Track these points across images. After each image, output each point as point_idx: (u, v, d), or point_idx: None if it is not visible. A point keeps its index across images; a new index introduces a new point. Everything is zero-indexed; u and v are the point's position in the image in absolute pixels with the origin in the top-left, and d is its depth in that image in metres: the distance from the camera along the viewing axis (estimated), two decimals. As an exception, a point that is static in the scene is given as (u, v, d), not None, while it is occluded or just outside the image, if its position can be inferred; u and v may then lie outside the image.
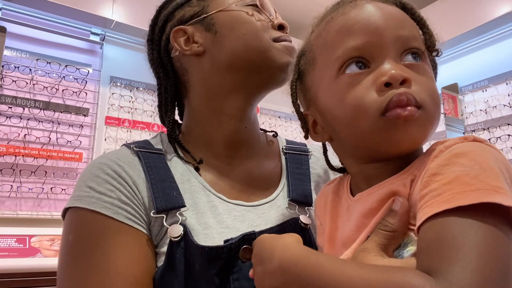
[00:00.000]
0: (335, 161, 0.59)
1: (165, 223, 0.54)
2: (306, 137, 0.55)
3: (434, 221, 0.34)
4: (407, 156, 0.44)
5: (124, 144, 0.64)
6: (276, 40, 0.63)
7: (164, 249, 0.53)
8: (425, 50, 0.47)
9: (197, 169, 0.63)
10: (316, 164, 0.72)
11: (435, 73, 0.50)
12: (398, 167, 0.44)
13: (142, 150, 0.61)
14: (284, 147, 0.73)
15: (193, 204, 0.58)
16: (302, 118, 0.53)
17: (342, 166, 0.57)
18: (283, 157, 0.71)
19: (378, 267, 0.35)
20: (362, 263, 0.38)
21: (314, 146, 0.77)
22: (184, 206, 0.56)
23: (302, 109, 0.54)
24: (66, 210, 0.56)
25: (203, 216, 0.57)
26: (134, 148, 0.61)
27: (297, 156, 0.71)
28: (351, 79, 0.44)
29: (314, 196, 0.66)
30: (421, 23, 0.48)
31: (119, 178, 0.56)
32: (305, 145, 0.76)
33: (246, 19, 0.63)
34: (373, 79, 0.43)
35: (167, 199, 0.56)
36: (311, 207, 0.64)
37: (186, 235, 0.53)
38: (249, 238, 0.53)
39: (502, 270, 0.30)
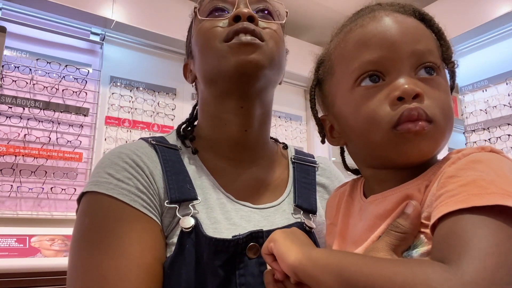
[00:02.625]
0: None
1: (177, 214, 0.56)
2: (323, 142, 0.57)
3: (449, 219, 0.35)
4: (422, 164, 0.45)
5: (141, 138, 0.66)
6: (228, 39, 0.60)
7: (174, 240, 0.55)
8: (441, 62, 0.47)
9: (194, 152, 0.65)
10: (322, 175, 0.74)
11: (453, 81, 0.51)
12: (412, 173, 0.45)
13: (159, 144, 0.63)
14: (292, 157, 0.74)
15: (204, 199, 0.60)
16: (320, 123, 0.55)
17: (356, 168, 0.59)
18: (291, 166, 0.73)
19: (390, 259, 0.37)
20: (375, 257, 0.40)
21: (320, 158, 0.79)
22: (197, 199, 0.58)
23: (319, 115, 0.56)
24: (82, 195, 0.57)
25: (213, 211, 0.59)
26: (152, 142, 0.63)
27: (305, 167, 0.73)
28: (366, 91, 0.46)
29: (319, 205, 0.68)
30: (438, 34, 0.49)
31: (137, 167, 0.57)
32: (313, 157, 0.77)
33: (199, 33, 0.65)
34: (386, 93, 0.44)
35: (181, 191, 0.58)
36: (315, 215, 0.66)
37: (197, 226, 0.55)
38: (256, 235, 0.55)
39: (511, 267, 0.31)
